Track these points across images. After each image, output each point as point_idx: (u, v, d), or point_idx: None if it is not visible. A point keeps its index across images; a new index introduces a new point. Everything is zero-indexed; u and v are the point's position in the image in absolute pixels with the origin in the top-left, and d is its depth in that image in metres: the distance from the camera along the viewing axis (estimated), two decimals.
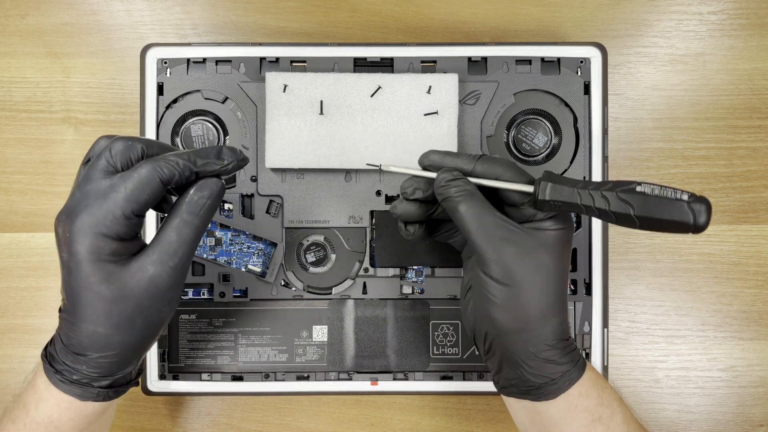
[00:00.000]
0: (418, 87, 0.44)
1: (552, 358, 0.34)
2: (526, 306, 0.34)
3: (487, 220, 0.34)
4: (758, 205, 0.50)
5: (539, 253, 0.34)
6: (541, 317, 0.34)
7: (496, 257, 0.34)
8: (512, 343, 0.34)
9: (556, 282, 0.34)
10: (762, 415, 0.50)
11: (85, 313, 0.32)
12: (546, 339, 0.34)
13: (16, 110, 0.50)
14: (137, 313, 0.32)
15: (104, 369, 0.33)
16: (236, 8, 0.50)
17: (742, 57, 0.50)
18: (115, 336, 0.32)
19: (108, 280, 0.31)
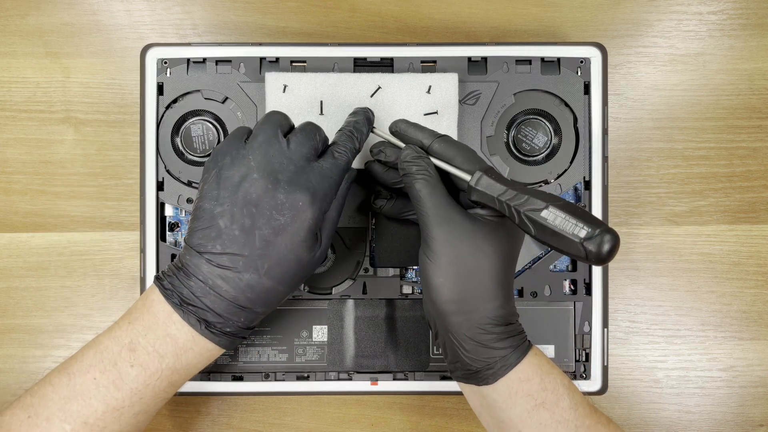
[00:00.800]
0: (418, 87, 0.44)
1: (486, 342, 0.36)
2: (460, 287, 0.35)
3: (435, 201, 0.36)
4: (758, 205, 0.50)
5: (477, 237, 0.35)
6: (475, 299, 0.35)
7: (435, 235, 0.35)
8: (448, 324, 0.36)
9: (493, 266, 0.35)
10: (762, 415, 0.50)
11: (277, 273, 0.35)
12: (480, 322, 0.35)
13: (16, 110, 0.50)
14: (307, 276, 0.37)
15: (255, 321, 0.37)
16: (236, 8, 0.50)
17: (742, 57, 0.50)
18: (285, 293, 0.37)
19: (311, 249, 0.36)
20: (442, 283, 0.35)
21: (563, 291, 0.46)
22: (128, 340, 0.35)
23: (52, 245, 0.50)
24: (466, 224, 0.36)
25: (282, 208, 0.35)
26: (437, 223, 0.35)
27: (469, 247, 0.35)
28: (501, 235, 0.36)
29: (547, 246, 0.34)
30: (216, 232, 0.35)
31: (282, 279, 0.35)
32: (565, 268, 0.47)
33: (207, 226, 0.35)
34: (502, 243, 0.36)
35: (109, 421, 0.35)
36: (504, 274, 0.36)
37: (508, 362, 0.36)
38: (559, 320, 0.46)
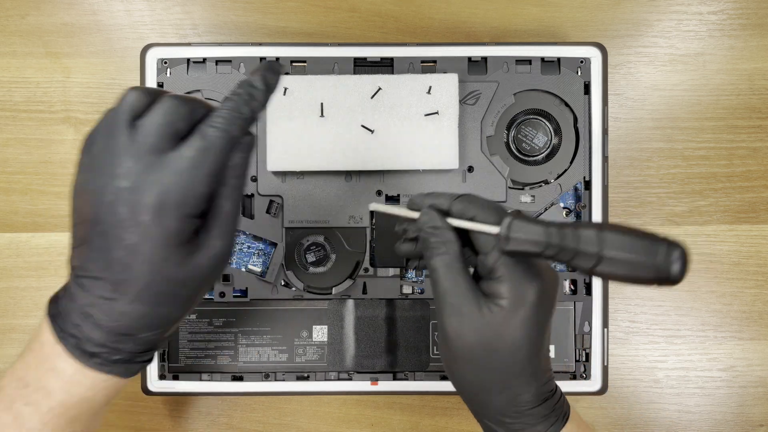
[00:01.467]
0: (418, 87, 0.44)
1: (520, 427, 0.33)
2: (478, 374, 0.33)
3: (450, 283, 0.32)
4: (758, 205, 0.50)
5: (491, 328, 0.31)
6: (501, 383, 0.33)
7: (446, 325, 0.32)
8: (476, 407, 0.34)
9: (515, 347, 0.32)
10: (762, 415, 0.50)
11: (147, 296, 0.29)
12: (510, 405, 0.33)
13: (16, 110, 0.50)
14: (201, 289, 0.31)
15: (150, 344, 0.31)
16: (236, 8, 0.50)
17: (742, 57, 0.50)
18: (173, 313, 0.30)
19: (182, 263, 0.29)
20: (458, 370, 0.33)
21: (563, 291, 0.46)
22: (21, 374, 0.31)
23: (52, 245, 0.50)
24: (477, 318, 0.31)
25: (127, 225, 0.28)
26: (448, 313, 0.32)
27: (482, 339, 0.31)
28: (523, 313, 0.31)
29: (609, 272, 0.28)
30: (81, 251, 0.29)
31: (159, 301, 0.29)
32: (565, 268, 0.47)
33: (74, 244, 0.30)
34: (525, 322, 0.32)
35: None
36: (532, 348, 0.32)
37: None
38: (559, 320, 0.46)
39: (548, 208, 0.46)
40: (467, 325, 0.32)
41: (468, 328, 0.32)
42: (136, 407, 0.50)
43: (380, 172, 0.45)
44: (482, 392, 0.33)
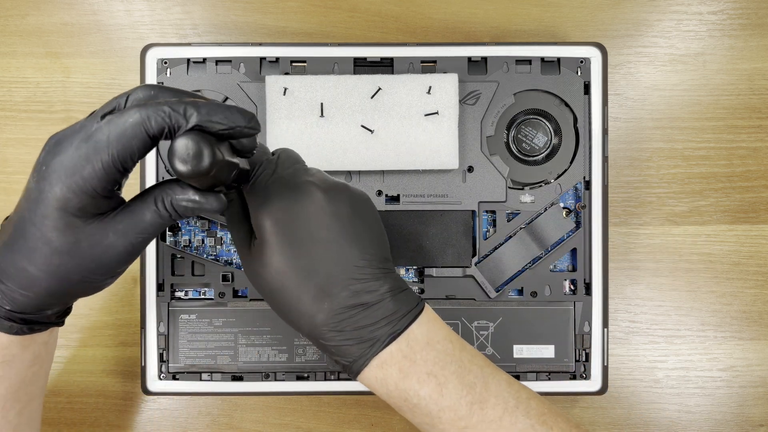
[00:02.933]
0: (418, 87, 0.44)
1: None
2: (277, 309, 0.34)
3: (233, 236, 0.35)
4: (758, 205, 0.50)
5: (255, 267, 0.33)
6: (290, 319, 0.34)
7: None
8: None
9: (282, 283, 0.32)
10: (762, 415, 0.50)
11: (22, 247, 0.30)
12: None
13: (16, 110, 0.50)
14: (77, 271, 0.30)
15: (17, 304, 0.31)
16: (236, 8, 0.50)
17: (742, 57, 0.50)
18: (44, 281, 0.30)
19: (62, 231, 0.29)
20: (269, 303, 0.34)
21: (563, 291, 0.46)
22: None
23: None
24: (248, 257, 0.34)
25: (33, 169, 0.30)
26: (240, 257, 0.35)
27: (256, 274, 0.34)
28: (271, 241, 0.32)
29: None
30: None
31: (29, 257, 0.30)
32: (565, 268, 0.47)
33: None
34: (276, 249, 0.32)
35: None
36: (299, 272, 0.32)
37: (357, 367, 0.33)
38: (559, 320, 0.46)
39: (548, 208, 0.46)
40: (246, 265, 0.34)
41: (247, 268, 0.33)
42: (136, 407, 0.50)
43: (380, 172, 0.45)
44: (288, 320, 0.33)
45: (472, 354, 0.34)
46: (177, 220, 0.31)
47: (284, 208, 0.32)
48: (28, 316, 0.32)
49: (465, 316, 0.46)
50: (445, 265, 0.46)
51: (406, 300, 0.33)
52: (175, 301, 0.46)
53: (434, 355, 0.32)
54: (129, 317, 0.50)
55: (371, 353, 0.32)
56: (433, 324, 0.34)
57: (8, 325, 0.32)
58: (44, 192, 0.29)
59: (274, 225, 0.32)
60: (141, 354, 0.45)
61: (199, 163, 0.28)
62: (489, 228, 0.46)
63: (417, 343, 0.32)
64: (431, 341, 0.33)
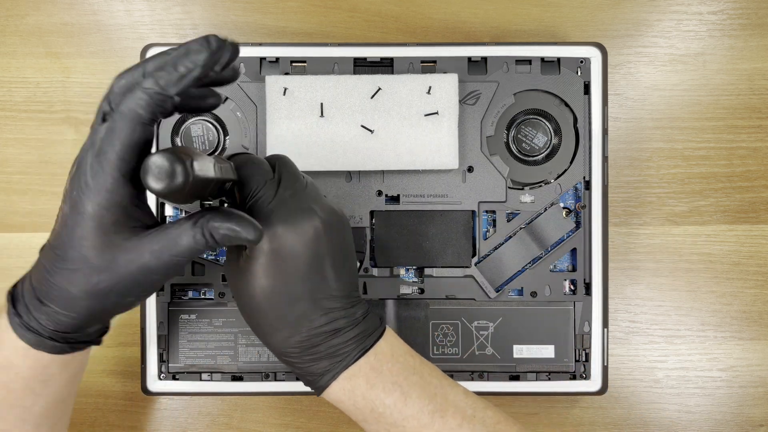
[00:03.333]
0: (418, 87, 0.44)
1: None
2: (253, 323, 0.36)
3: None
4: (758, 205, 0.50)
5: (240, 279, 0.35)
6: (264, 333, 0.35)
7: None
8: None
9: (268, 301, 0.34)
10: (762, 415, 0.50)
11: (62, 268, 0.30)
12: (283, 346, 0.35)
13: (16, 110, 0.50)
14: (115, 289, 0.31)
15: (62, 325, 0.32)
16: (236, 8, 0.50)
17: (742, 57, 0.50)
18: (84, 301, 0.31)
19: (100, 249, 0.30)
20: (244, 314, 0.36)
21: (563, 291, 0.46)
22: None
23: None
24: (235, 268, 0.35)
25: (65, 192, 0.31)
26: (224, 266, 0.37)
27: (238, 286, 0.35)
28: (262, 260, 0.34)
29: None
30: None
31: (70, 279, 0.31)
32: (565, 268, 0.47)
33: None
34: (265, 269, 0.34)
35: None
36: (283, 295, 0.34)
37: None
38: (559, 320, 0.46)
39: (548, 208, 0.46)
40: (231, 274, 0.35)
41: (231, 277, 0.35)
42: (136, 407, 0.50)
43: (380, 172, 0.45)
44: (259, 333, 0.35)
45: (431, 368, 0.36)
46: (213, 247, 0.31)
47: (284, 237, 0.33)
48: (71, 336, 0.33)
49: (465, 316, 0.46)
50: (445, 265, 0.46)
51: (372, 321, 0.36)
52: (175, 301, 0.46)
53: (399, 367, 0.35)
54: (129, 317, 0.50)
55: (341, 367, 0.34)
56: (395, 340, 0.37)
57: (51, 345, 0.33)
58: (78, 215, 0.29)
59: (270, 251, 0.33)
60: (141, 354, 0.45)
61: (173, 180, 0.27)
62: (489, 228, 0.46)
63: (383, 355, 0.35)
64: (395, 354, 0.35)
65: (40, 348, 0.33)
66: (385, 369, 0.35)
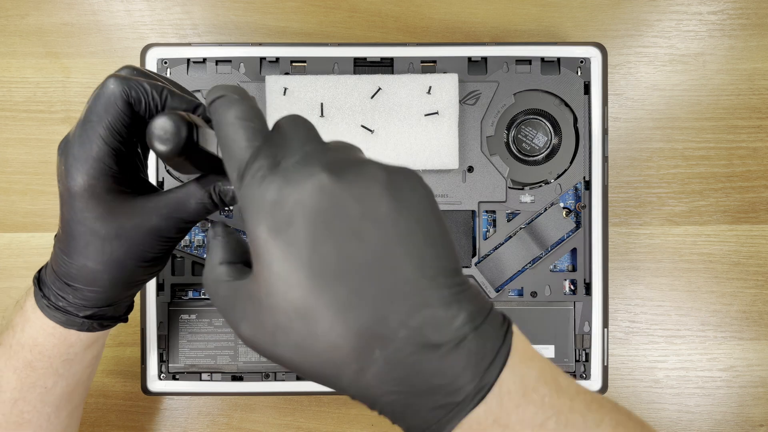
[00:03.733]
0: (418, 87, 0.44)
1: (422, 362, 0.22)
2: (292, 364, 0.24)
3: (208, 290, 0.29)
4: (758, 205, 0.50)
5: (250, 305, 0.24)
6: (316, 374, 0.23)
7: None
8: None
9: (298, 322, 0.22)
10: (762, 415, 0.50)
11: (76, 246, 0.31)
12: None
13: (16, 110, 0.50)
14: (130, 254, 0.31)
15: (90, 301, 0.33)
16: (236, 8, 0.50)
17: (742, 57, 0.50)
18: (104, 273, 0.32)
19: (104, 218, 0.30)
20: (276, 356, 0.24)
21: (563, 291, 0.46)
22: (6, 321, 0.35)
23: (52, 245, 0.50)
24: (237, 298, 0.25)
25: (58, 175, 0.31)
26: (235, 322, 0.26)
27: (251, 315, 0.24)
28: (271, 268, 0.22)
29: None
30: None
31: (86, 254, 0.31)
32: (565, 268, 0.47)
33: None
34: (276, 279, 0.22)
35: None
36: (316, 304, 0.22)
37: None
38: (559, 320, 0.46)
39: (548, 208, 0.46)
40: (244, 322, 0.24)
41: (247, 327, 0.24)
42: (136, 407, 0.50)
43: None
44: (316, 380, 0.24)
45: (570, 396, 0.24)
46: (220, 207, 0.31)
47: (292, 209, 0.22)
48: (100, 311, 0.34)
49: None
50: None
51: (492, 328, 0.23)
52: (175, 301, 0.46)
53: (532, 412, 0.23)
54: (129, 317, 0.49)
55: (451, 423, 0.22)
56: (525, 357, 0.23)
57: (80, 322, 0.34)
58: (72, 188, 0.30)
59: (278, 239, 0.22)
60: (141, 354, 0.45)
61: (178, 142, 0.27)
62: (489, 228, 0.46)
63: (510, 398, 0.22)
64: (527, 390, 0.23)
65: (70, 326, 0.33)
66: (513, 420, 0.22)
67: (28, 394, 0.35)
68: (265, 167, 0.23)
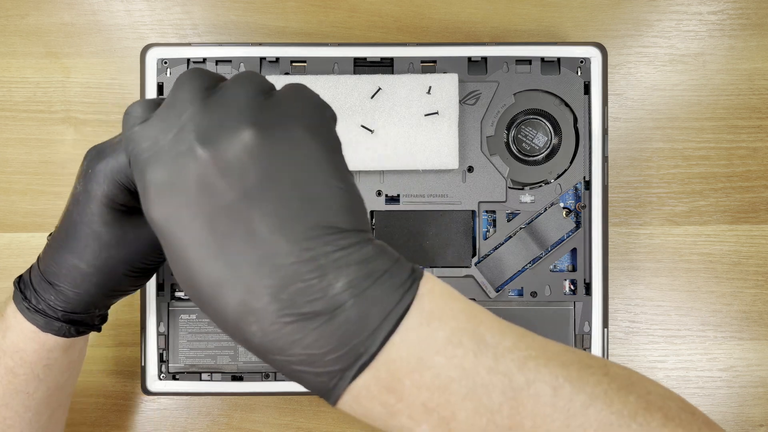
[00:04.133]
0: (418, 87, 0.44)
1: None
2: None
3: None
4: (758, 205, 0.50)
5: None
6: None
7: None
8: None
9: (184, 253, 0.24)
10: (762, 415, 0.50)
11: (75, 246, 0.32)
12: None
13: (16, 110, 0.50)
14: (123, 263, 0.33)
15: (71, 304, 0.34)
16: (236, 8, 0.50)
17: (742, 57, 0.50)
18: (93, 276, 0.33)
19: (111, 225, 0.32)
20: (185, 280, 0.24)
21: (563, 291, 0.46)
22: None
23: None
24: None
25: (79, 175, 0.32)
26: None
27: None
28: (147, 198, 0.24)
29: None
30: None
31: (78, 251, 0.32)
32: (565, 268, 0.47)
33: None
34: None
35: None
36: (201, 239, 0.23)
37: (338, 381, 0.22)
38: (559, 320, 0.46)
39: (548, 208, 0.46)
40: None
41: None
42: (136, 407, 0.50)
43: (380, 172, 0.45)
44: (232, 335, 0.24)
45: (496, 354, 0.22)
46: None
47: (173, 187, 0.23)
48: (77, 317, 0.35)
49: None
50: (445, 265, 0.46)
51: (383, 290, 0.22)
52: (175, 301, 0.46)
53: (431, 376, 0.22)
54: (129, 317, 0.50)
55: (337, 390, 0.23)
56: (432, 317, 0.23)
57: (58, 326, 0.34)
58: (93, 191, 0.31)
59: (150, 216, 0.24)
60: (141, 354, 0.45)
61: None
62: (489, 228, 0.46)
63: (402, 363, 0.22)
64: (428, 353, 0.22)
65: (48, 330, 0.34)
66: (407, 386, 0.22)
67: (11, 400, 0.36)
68: (143, 151, 0.24)
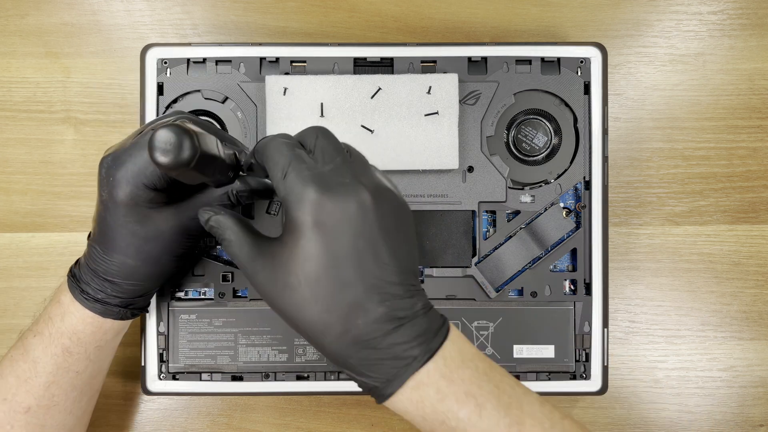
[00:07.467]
0: (418, 87, 0.44)
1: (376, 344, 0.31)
2: (301, 321, 0.32)
3: (237, 256, 0.34)
4: (758, 205, 0.50)
5: (276, 271, 0.31)
6: (315, 332, 0.31)
7: (256, 283, 0.34)
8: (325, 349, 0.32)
9: (312, 289, 0.30)
10: (762, 415, 0.50)
11: (117, 246, 0.36)
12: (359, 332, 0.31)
13: (16, 110, 0.50)
14: (165, 251, 0.37)
15: (127, 293, 0.38)
16: (236, 8, 0.50)
17: (742, 57, 0.50)
18: (142, 268, 0.37)
19: (142, 222, 0.36)
20: (288, 315, 0.32)
21: (563, 291, 0.46)
22: (39, 313, 0.40)
23: (52, 245, 0.50)
24: (265, 264, 0.32)
25: (101, 187, 0.36)
26: (251, 276, 0.32)
27: (276, 279, 0.31)
28: (303, 242, 0.30)
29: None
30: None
31: (128, 253, 0.36)
32: (565, 268, 0.47)
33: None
34: (309, 249, 0.30)
35: (21, 395, 0.38)
36: (333, 277, 0.30)
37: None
38: (559, 320, 0.46)
39: (548, 208, 0.46)
40: (259, 269, 0.32)
41: (261, 273, 0.31)
42: (136, 407, 0.50)
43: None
44: (308, 334, 0.31)
45: (502, 373, 0.33)
46: (236, 206, 0.38)
47: (328, 209, 0.30)
48: (133, 301, 0.39)
49: (465, 316, 0.46)
50: (445, 265, 0.46)
51: (435, 317, 0.32)
52: (175, 301, 0.46)
53: (470, 374, 0.31)
54: None
55: (408, 372, 0.30)
56: (462, 342, 0.33)
57: (117, 311, 0.38)
58: (118, 197, 0.35)
59: (314, 226, 0.30)
60: (141, 354, 0.45)
61: (180, 154, 0.28)
62: (489, 228, 0.46)
63: (453, 361, 0.31)
64: (465, 360, 0.32)
65: (107, 315, 0.38)
66: (456, 377, 0.31)
67: (62, 378, 0.39)
68: (305, 169, 0.31)
